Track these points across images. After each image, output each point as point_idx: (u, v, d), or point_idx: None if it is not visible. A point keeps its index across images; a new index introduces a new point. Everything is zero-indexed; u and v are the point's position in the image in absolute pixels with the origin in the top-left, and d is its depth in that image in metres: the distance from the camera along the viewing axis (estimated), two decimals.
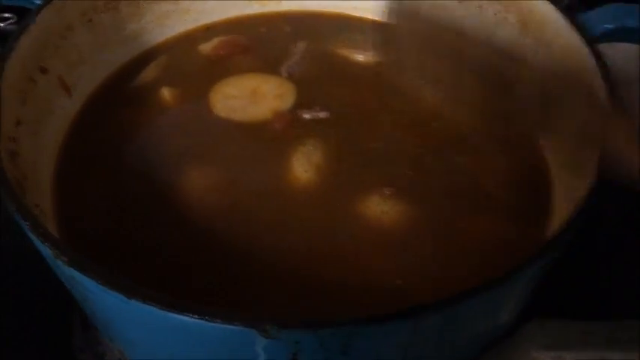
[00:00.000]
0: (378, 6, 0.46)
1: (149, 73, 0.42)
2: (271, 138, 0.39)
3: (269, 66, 0.43)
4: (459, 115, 0.41)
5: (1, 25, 0.55)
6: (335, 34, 0.47)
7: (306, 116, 0.40)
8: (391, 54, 0.45)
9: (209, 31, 0.46)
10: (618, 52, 0.34)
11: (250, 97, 0.41)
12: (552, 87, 0.37)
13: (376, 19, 0.47)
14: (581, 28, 0.35)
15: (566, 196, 0.33)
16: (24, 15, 0.36)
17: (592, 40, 0.34)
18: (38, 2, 0.36)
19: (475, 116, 0.41)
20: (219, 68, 0.43)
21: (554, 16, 0.37)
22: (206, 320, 0.23)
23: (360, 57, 0.45)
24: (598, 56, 0.33)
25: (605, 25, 0.34)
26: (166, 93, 0.41)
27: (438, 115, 0.41)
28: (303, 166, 0.37)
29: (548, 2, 0.37)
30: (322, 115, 0.40)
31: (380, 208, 0.35)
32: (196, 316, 0.23)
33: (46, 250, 0.24)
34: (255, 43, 0.45)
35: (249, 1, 0.47)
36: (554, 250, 0.26)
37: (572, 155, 0.34)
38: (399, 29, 0.46)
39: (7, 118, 0.31)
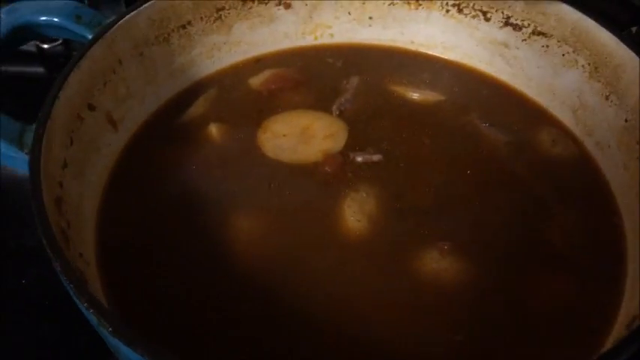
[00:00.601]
0: (436, 40, 0.45)
1: (197, 108, 0.41)
2: (322, 182, 0.37)
3: (320, 102, 0.42)
4: (523, 162, 0.39)
5: (48, 46, 0.55)
6: (389, 69, 0.45)
7: (359, 159, 0.38)
8: (449, 93, 0.43)
9: (259, 63, 0.45)
10: None
11: (300, 136, 0.40)
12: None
13: (434, 54, 0.45)
14: None
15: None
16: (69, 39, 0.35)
17: None
18: (89, 36, 0.35)
19: (542, 164, 0.38)
20: (269, 103, 0.42)
21: (632, 60, 0.34)
22: None
23: (415, 95, 0.43)
24: None
25: None
26: (214, 130, 0.40)
27: (500, 161, 0.39)
28: (356, 215, 0.35)
29: (627, 47, 0.34)
30: (375, 158, 0.38)
31: (438, 264, 0.33)
32: None
33: (91, 317, 0.23)
34: (306, 78, 0.44)
35: (302, 33, 0.45)
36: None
37: None
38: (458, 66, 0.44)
39: (55, 161, 0.30)
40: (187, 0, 0.39)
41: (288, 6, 0.44)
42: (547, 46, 0.39)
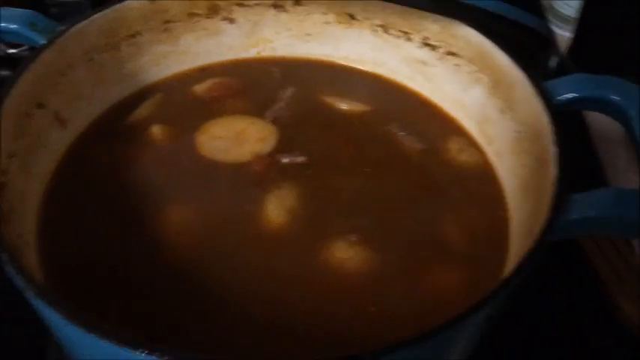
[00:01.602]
0: (367, 57, 0.49)
1: (142, 111, 0.45)
2: (249, 180, 0.41)
3: (257, 109, 0.46)
4: (434, 167, 0.43)
5: (16, 51, 0.59)
6: (323, 81, 0.49)
7: (284, 160, 0.42)
8: (374, 104, 0.47)
9: (204, 72, 0.49)
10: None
11: (235, 139, 0.44)
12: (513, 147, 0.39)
13: (364, 69, 0.49)
14: (545, 94, 0.37)
15: (518, 252, 0.35)
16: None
17: (553, 106, 0.36)
18: (42, 42, 0.39)
19: (448, 170, 0.43)
20: (210, 109, 0.46)
21: (522, 80, 0.39)
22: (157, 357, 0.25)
23: (344, 105, 0.47)
24: (555, 122, 0.35)
25: (568, 95, 0.36)
26: (156, 131, 0.44)
27: (413, 166, 0.43)
28: (277, 209, 0.39)
29: (518, 68, 0.39)
30: (300, 159, 0.42)
31: (344, 254, 0.37)
32: (148, 353, 0.25)
33: (18, 281, 0.26)
34: (247, 87, 0.48)
35: (245, 46, 0.49)
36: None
37: (528, 217, 0.36)
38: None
39: (1, 151, 0.34)
40: (136, 13, 0.44)
41: (232, 21, 0.48)
42: (458, 65, 0.44)
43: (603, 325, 0.43)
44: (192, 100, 0.47)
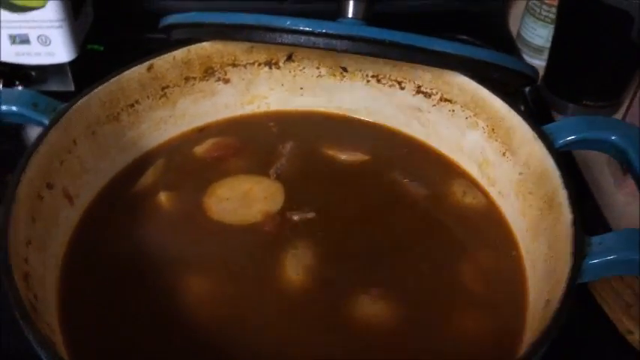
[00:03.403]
0: (360, 106, 0.50)
1: (147, 178, 0.45)
2: (263, 241, 0.42)
3: (260, 167, 0.46)
4: (441, 211, 0.44)
5: None
6: (320, 133, 0.50)
7: (295, 218, 0.43)
8: (373, 153, 0.48)
9: (202, 132, 0.49)
10: None
11: (242, 200, 0.44)
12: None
13: (359, 117, 0.50)
14: (546, 138, 0.38)
15: (539, 296, 0.36)
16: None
17: (556, 150, 0.38)
18: (46, 122, 0.39)
19: (456, 213, 0.44)
20: (214, 170, 0.46)
21: (520, 124, 0.41)
22: None
23: (343, 156, 0.48)
24: (561, 166, 0.37)
25: (569, 137, 0.38)
26: (163, 198, 0.44)
27: (421, 212, 0.44)
28: (295, 269, 0.40)
29: (516, 113, 0.41)
30: (310, 215, 0.43)
31: (368, 310, 0.38)
32: None
33: None
34: (246, 144, 0.48)
35: (240, 103, 0.50)
36: None
37: (545, 260, 0.37)
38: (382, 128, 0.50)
39: (19, 239, 0.33)
40: (135, 82, 0.44)
41: (227, 81, 0.49)
42: (453, 111, 0.46)
43: (615, 348, 0.45)
44: (195, 163, 0.47)
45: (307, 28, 0.41)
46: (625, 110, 0.59)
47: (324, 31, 0.41)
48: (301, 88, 0.50)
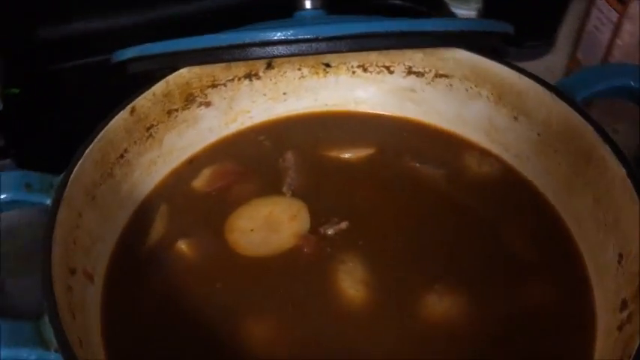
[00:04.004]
0: (348, 99, 0.48)
1: (157, 230, 0.41)
2: (307, 265, 0.39)
3: (270, 187, 0.43)
4: (464, 187, 0.44)
5: None
6: (314, 135, 0.48)
7: (330, 232, 0.41)
8: (376, 143, 0.47)
9: (192, 164, 0.45)
10: None
11: (267, 227, 0.41)
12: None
13: (347, 109, 0.49)
14: (567, 97, 0.38)
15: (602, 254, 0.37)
16: None
17: (579, 106, 0.38)
18: (47, 201, 0.34)
19: (479, 185, 0.44)
20: (223, 203, 0.43)
21: (533, 87, 0.40)
22: None
23: (347, 154, 0.46)
24: (591, 120, 0.37)
25: (588, 91, 0.38)
26: (184, 247, 0.40)
27: (444, 193, 0.43)
28: (352, 286, 0.38)
29: (525, 76, 0.40)
30: (344, 225, 0.41)
31: (439, 307, 0.37)
32: None
33: None
34: (245, 166, 0.45)
35: (224, 123, 0.46)
36: None
37: (591, 213, 0.37)
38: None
39: (73, 340, 0.29)
40: (121, 130, 0.39)
41: (208, 104, 0.45)
42: (451, 85, 0.45)
43: None
44: (199, 200, 0.43)
45: (286, 37, 0.39)
46: (574, 45, 0.61)
47: (305, 37, 0.39)
48: (284, 94, 0.48)
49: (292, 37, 0.39)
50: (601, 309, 0.35)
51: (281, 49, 0.40)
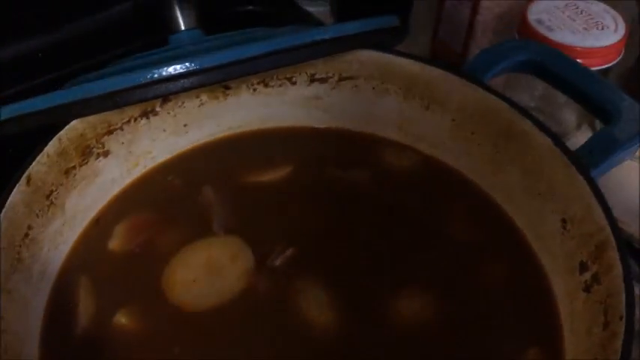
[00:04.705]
0: (251, 117, 0.46)
1: (86, 310, 0.35)
2: (265, 303, 0.37)
3: (197, 229, 0.40)
4: (392, 185, 0.44)
5: None
6: (225, 164, 0.45)
7: (278, 262, 0.38)
8: (291, 161, 0.45)
9: (99, 223, 0.40)
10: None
11: (209, 274, 0.38)
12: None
13: (255, 129, 0.46)
14: (477, 79, 0.40)
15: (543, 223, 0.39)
16: None
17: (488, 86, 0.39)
18: None
19: (406, 179, 0.44)
20: (151, 260, 0.38)
21: (442, 75, 0.41)
22: None
23: (268, 176, 0.43)
24: (505, 99, 0.39)
25: (493, 71, 0.40)
26: (123, 319, 0.35)
27: (377, 196, 0.43)
28: (319, 312, 0.36)
29: (434, 67, 0.41)
30: (289, 252, 0.39)
31: (411, 309, 0.36)
32: None
33: None
34: (162, 213, 0.41)
35: (127, 171, 0.42)
36: None
37: (525, 190, 0.39)
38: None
39: None
40: (21, 206, 0.33)
41: (107, 154, 0.40)
42: (356, 86, 0.44)
43: None
44: (122, 261, 0.38)
45: (188, 70, 0.35)
46: (434, 26, 0.63)
47: (208, 65, 0.36)
48: (185, 125, 0.44)
49: (196, 68, 0.36)
50: (554, 273, 0.37)
51: (185, 82, 0.36)
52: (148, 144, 0.42)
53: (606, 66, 0.48)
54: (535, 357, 0.34)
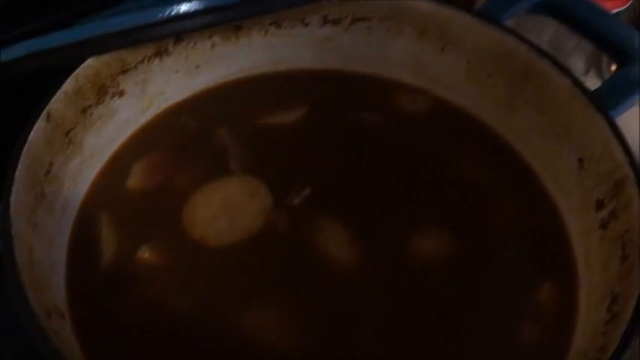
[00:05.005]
0: (264, 60, 0.45)
1: (109, 244, 0.36)
2: (285, 241, 0.37)
3: (214, 168, 0.40)
4: (405, 127, 0.44)
5: None
6: (238, 105, 0.44)
7: (297, 201, 0.39)
8: (304, 102, 0.45)
9: (119, 163, 0.40)
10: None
11: (228, 211, 0.38)
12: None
13: (264, 71, 0.46)
14: (493, 20, 0.39)
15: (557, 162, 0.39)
16: None
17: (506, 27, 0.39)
18: None
19: (420, 122, 0.44)
20: (170, 197, 0.38)
21: (455, 15, 0.41)
22: None
23: (279, 118, 0.43)
24: (524, 40, 0.39)
25: (511, 9, 0.40)
26: (147, 254, 0.35)
27: (391, 137, 0.43)
28: (339, 250, 0.37)
29: (446, 7, 0.41)
30: (307, 191, 0.39)
31: (430, 245, 0.37)
32: None
33: None
34: (177, 152, 0.41)
35: (140, 111, 0.41)
36: None
37: (540, 130, 0.39)
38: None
39: None
40: (42, 142, 0.33)
41: (122, 94, 0.39)
42: (370, 28, 0.44)
43: None
44: (142, 199, 0.38)
45: (204, 7, 0.35)
46: None
47: (217, 4, 0.36)
48: (197, 67, 0.43)
49: (211, 5, 0.35)
50: (568, 212, 0.38)
51: (200, 20, 0.36)
52: (162, 85, 0.42)
53: (617, 10, 0.48)
54: (550, 292, 0.36)
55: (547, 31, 0.53)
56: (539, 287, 0.36)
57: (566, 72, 0.37)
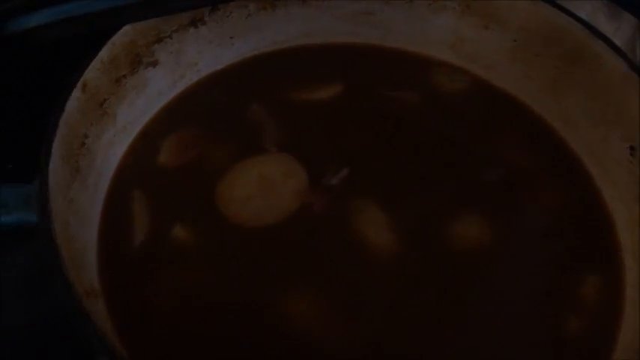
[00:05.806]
0: (298, 32, 0.43)
1: (140, 220, 0.35)
2: (323, 223, 0.36)
3: (248, 146, 0.39)
4: (443, 107, 0.42)
5: None
6: (271, 78, 0.43)
7: (334, 182, 0.37)
8: (340, 77, 0.43)
9: (149, 137, 0.39)
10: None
11: (263, 191, 0.37)
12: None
13: (303, 44, 0.44)
14: None
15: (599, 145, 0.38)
16: None
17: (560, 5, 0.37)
18: (34, 219, 0.26)
19: (459, 100, 0.43)
20: (203, 174, 0.37)
21: None
22: None
23: (318, 93, 0.42)
24: (579, 19, 0.37)
25: None
26: (182, 233, 0.34)
27: (429, 116, 0.42)
28: (379, 234, 0.35)
29: None
30: (345, 172, 0.38)
31: (470, 231, 0.36)
32: None
33: None
34: (210, 127, 0.39)
35: (172, 82, 0.40)
36: None
37: (586, 113, 0.38)
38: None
39: None
40: (77, 113, 0.32)
41: (155, 64, 0.38)
42: (411, 1, 0.42)
43: None
44: (174, 175, 0.37)
45: None
46: None
47: None
48: (231, 38, 0.42)
49: None
50: (615, 201, 0.37)
51: None
52: (195, 55, 0.40)
53: None
54: (595, 285, 0.35)
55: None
56: (583, 279, 0.35)
57: (623, 54, 0.35)
